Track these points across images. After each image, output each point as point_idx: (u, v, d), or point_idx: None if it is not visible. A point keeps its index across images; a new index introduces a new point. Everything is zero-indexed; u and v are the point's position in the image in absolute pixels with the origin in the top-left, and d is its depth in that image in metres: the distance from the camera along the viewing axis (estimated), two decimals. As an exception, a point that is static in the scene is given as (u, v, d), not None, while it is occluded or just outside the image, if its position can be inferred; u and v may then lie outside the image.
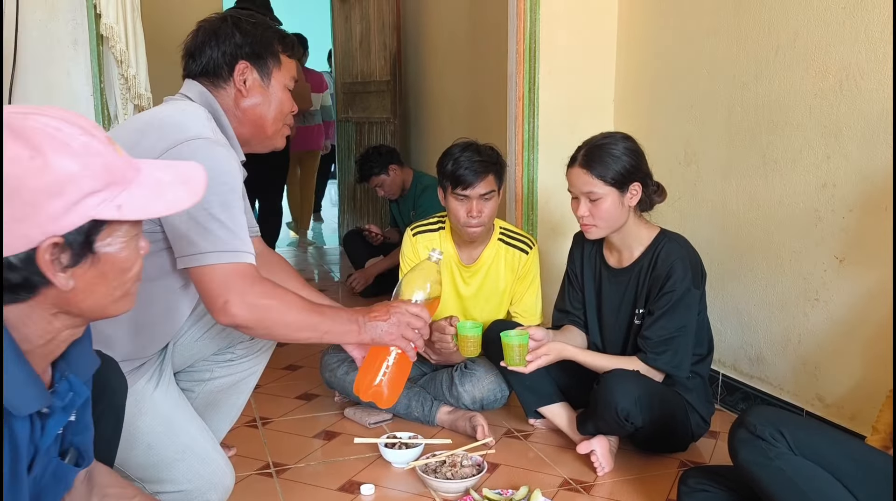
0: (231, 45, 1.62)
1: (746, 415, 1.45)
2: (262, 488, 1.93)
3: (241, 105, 1.65)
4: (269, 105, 1.67)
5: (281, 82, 1.68)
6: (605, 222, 2.01)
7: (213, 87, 1.65)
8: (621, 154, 1.97)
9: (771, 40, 2.24)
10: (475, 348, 2.14)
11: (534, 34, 2.86)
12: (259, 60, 1.65)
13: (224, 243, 1.44)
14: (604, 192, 1.97)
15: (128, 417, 1.60)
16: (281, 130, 1.73)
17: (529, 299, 2.43)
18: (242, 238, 1.48)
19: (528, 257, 2.40)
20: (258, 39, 1.64)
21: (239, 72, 1.63)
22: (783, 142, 2.21)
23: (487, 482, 1.93)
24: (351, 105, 5.46)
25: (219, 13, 1.69)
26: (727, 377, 2.48)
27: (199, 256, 1.44)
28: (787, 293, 2.24)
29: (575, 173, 2.01)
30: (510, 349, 1.97)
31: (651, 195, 2.05)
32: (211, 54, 1.63)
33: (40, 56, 2.31)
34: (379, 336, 1.57)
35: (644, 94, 2.88)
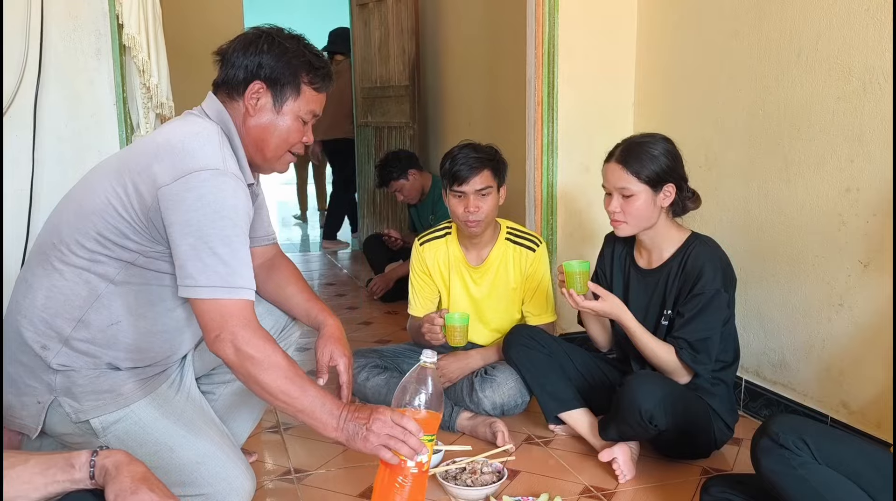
0: (254, 62, 1.62)
1: (769, 423, 1.44)
2: (283, 493, 1.94)
3: (246, 123, 1.65)
4: (274, 130, 1.65)
5: (294, 112, 1.65)
6: (635, 220, 2.01)
7: (229, 99, 1.66)
8: (659, 154, 1.98)
9: (793, 43, 2.21)
10: (462, 338, 2.22)
11: (553, 38, 2.86)
12: (275, 86, 1.63)
13: (222, 279, 1.46)
14: (637, 189, 1.97)
15: (150, 422, 1.63)
16: (282, 157, 1.71)
17: (540, 296, 2.44)
18: (242, 274, 1.49)
19: (536, 254, 2.42)
20: (284, 65, 1.62)
21: (252, 91, 1.62)
22: (806, 145, 2.19)
23: (507, 489, 1.93)
24: (370, 110, 5.48)
25: (261, 27, 1.67)
26: (750, 382, 2.46)
27: (196, 288, 1.47)
28: (810, 298, 2.21)
29: (610, 168, 2.02)
30: (572, 277, 2.00)
31: (685, 200, 2.06)
32: (234, 66, 1.63)
33: (64, 66, 2.34)
34: (355, 441, 1.48)
35: (664, 97, 2.86)
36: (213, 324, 1.48)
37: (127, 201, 1.52)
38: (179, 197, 1.48)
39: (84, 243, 1.55)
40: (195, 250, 1.46)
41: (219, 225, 1.47)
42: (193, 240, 1.46)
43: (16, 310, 1.60)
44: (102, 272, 1.56)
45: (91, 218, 1.55)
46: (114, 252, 1.55)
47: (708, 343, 1.97)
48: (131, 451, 1.60)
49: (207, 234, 1.47)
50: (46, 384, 1.57)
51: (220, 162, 1.53)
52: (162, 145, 1.54)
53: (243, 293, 1.49)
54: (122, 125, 2.39)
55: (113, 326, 1.59)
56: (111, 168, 1.59)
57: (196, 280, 1.47)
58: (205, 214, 1.47)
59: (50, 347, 1.57)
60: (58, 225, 1.60)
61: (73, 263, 1.56)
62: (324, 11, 8.45)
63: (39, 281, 1.58)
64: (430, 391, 1.54)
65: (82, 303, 1.56)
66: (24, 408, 1.60)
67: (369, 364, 2.40)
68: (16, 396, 1.60)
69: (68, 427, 1.60)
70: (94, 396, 1.59)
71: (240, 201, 1.53)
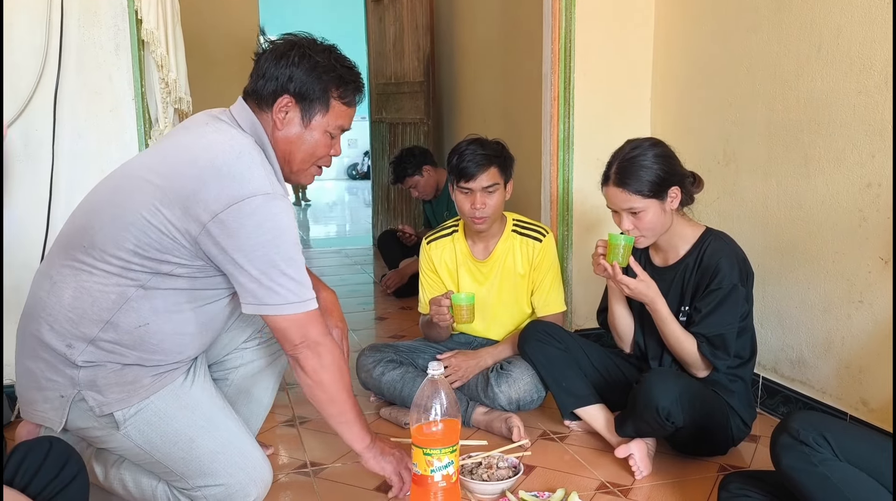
0: (285, 75, 1.62)
1: (789, 420, 1.43)
2: (299, 486, 1.95)
3: (274, 135, 1.66)
4: (301, 145, 1.66)
5: (322, 127, 1.66)
6: (652, 232, 2.00)
7: (258, 109, 1.66)
8: (653, 164, 1.95)
9: (813, 37, 2.19)
10: (469, 316, 2.25)
11: (569, 33, 2.85)
12: (304, 101, 1.63)
13: (296, 296, 1.57)
14: (644, 205, 1.95)
15: (169, 412, 1.64)
16: (308, 170, 1.72)
17: (547, 286, 2.44)
18: (308, 286, 1.59)
19: (542, 244, 2.42)
20: (314, 80, 1.62)
21: (280, 105, 1.63)
22: (826, 141, 2.17)
23: (523, 484, 1.92)
24: (384, 106, 5.48)
25: (295, 36, 1.67)
26: (767, 379, 2.44)
27: (273, 306, 1.56)
28: (829, 295, 2.19)
29: (611, 192, 1.99)
30: (615, 248, 1.98)
31: (689, 191, 2.04)
32: (265, 77, 1.63)
33: (83, 61, 2.36)
34: (383, 458, 1.73)
35: (681, 92, 2.84)
36: (296, 335, 1.60)
37: (172, 225, 1.52)
38: (237, 224, 1.50)
39: (119, 254, 1.55)
40: (266, 275, 1.53)
41: (283, 248, 1.55)
42: (262, 265, 1.53)
43: (39, 307, 1.59)
44: (133, 278, 1.56)
45: (130, 229, 1.54)
46: (148, 267, 1.56)
47: (726, 338, 1.96)
48: (151, 442, 1.63)
49: (274, 259, 1.54)
50: (70, 378, 1.58)
51: (269, 185, 1.55)
52: (206, 169, 1.52)
53: (312, 304, 1.60)
54: (141, 120, 2.40)
55: (140, 327, 1.59)
56: (149, 182, 1.56)
57: (273, 300, 1.55)
58: (268, 240, 1.53)
59: (75, 346, 1.57)
60: (89, 227, 1.59)
61: (104, 268, 1.56)
62: (339, 7, 8.46)
63: (66, 280, 1.57)
64: (444, 403, 1.57)
65: (111, 306, 1.56)
66: (46, 402, 1.61)
67: (385, 359, 2.41)
68: (37, 390, 1.61)
69: (90, 421, 1.61)
70: (118, 388, 1.60)
71: (292, 221, 1.59)
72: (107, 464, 1.71)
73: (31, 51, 2.29)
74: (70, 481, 1.27)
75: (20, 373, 1.65)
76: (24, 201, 2.33)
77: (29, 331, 1.62)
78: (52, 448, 1.28)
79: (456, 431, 1.58)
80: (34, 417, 1.64)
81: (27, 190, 2.33)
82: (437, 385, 1.55)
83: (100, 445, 1.68)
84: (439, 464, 1.55)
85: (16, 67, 2.28)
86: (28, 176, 2.33)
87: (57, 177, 2.36)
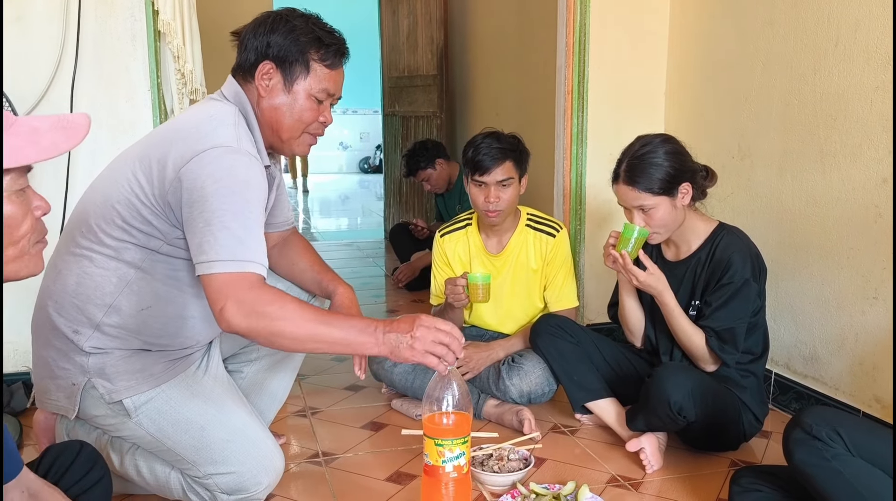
0: (263, 42, 1.62)
1: (802, 415, 1.43)
2: (311, 476, 1.96)
3: (260, 105, 1.66)
4: (287, 111, 1.65)
5: (306, 91, 1.64)
6: (664, 228, 1.99)
7: (244, 82, 1.66)
8: (663, 161, 1.94)
9: (830, 32, 2.18)
10: (485, 295, 2.26)
11: (584, 26, 2.84)
12: (283, 64, 1.62)
13: (230, 252, 1.43)
14: (654, 202, 1.94)
15: (181, 401, 1.66)
16: (300, 139, 1.70)
17: (561, 282, 2.43)
18: (252, 247, 1.45)
19: (556, 239, 2.42)
20: (291, 42, 1.62)
21: (261, 72, 1.62)
22: (842, 136, 2.16)
23: (534, 476, 1.93)
24: (397, 99, 5.48)
25: (279, 9, 1.68)
26: (780, 376, 2.43)
27: (206, 264, 1.44)
28: (843, 291, 2.18)
29: (622, 190, 1.99)
30: (627, 239, 1.97)
31: (702, 185, 2.03)
32: (246, 48, 1.64)
33: (100, 51, 2.37)
34: (399, 350, 1.45)
35: (696, 86, 2.83)
36: (217, 296, 1.42)
37: (148, 186, 1.54)
38: (193, 175, 1.48)
39: (110, 232, 1.57)
40: (209, 227, 1.44)
41: (230, 200, 1.46)
42: (208, 216, 1.45)
43: (46, 295, 1.63)
44: (130, 260, 1.58)
45: (115, 207, 1.57)
46: (139, 240, 1.57)
47: (735, 333, 1.96)
48: (163, 430, 1.65)
49: (220, 209, 1.45)
50: (80, 366, 1.60)
51: (234, 140, 1.54)
52: (178, 131, 1.56)
53: (251, 267, 1.44)
54: (157, 110, 2.42)
55: (143, 311, 1.61)
56: (133, 155, 1.61)
57: (208, 256, 1.43)
58: (217, 189, 1.46)
59: (82, 331, 1.59)
60: (84, 213, 1.62)
61: (101, 251, 1.58)
62: (352, 0, 8.47)
63: (69, 267, 1.60)
64: (457, 394, 1.55)
65: (113, 289, 1.59)
66: (60, 390, 1.63)
67: (397, 350, 2.41)
68: (51, 379, 1.64)
69: (101, 409, 1.64)
70: (126, 376, 1.62)
71: (253, 177, 1.52)
72: (122, 451, 1.73)
73: (48, 41, 2.31)
74: (95, 483, 1.33)
75: (35, 363, 1.68)
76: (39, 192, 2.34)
77: (40, 320, 1.64)
78: (81, 450, 1.33)
79: (468, 422, 1.58)
80: (49, 406, 1.67)
81: (43, 181, 2.35)
82: (450, 376, 1.55)
83: (113, 433, 1.70)
84: (451, 455, 1.55)
85: (34, 56, 2.30)
86: (44, 167, 2.35)
87: (73, 168, 2.38)
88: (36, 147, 0.91)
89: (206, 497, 1.70)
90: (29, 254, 0.96)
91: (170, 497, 1.74)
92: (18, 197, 0.93)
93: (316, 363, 2.83)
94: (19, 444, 2.10)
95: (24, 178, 0.94)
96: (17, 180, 0.93)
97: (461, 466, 1.56)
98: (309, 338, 1.44)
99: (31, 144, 0.91)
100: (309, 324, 1.43)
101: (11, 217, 0.92)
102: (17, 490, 1.11)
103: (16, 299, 2.32)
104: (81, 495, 1.28)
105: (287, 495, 1.83)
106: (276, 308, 1.42)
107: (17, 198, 0.93)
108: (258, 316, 1.41)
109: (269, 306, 1.42)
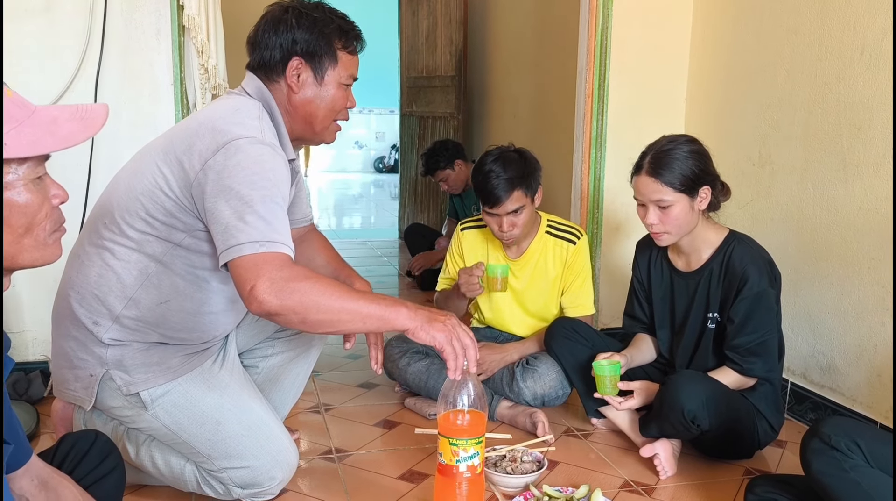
0: (288, 40, 1.63)
1: (820, 425, 1.42)
2: (324, 472, 1.96)
3: (292, 100, 1.67)
4: (321, 102, 1.67)
5: (336, 80, 1.67)
6: (677, 229, 1.97)
7: (268, 80, 1.67)
8: (688, 159, 1.93)
9: (856, 40, 2.16)
10: (503, 285, 2.30)
11: (606, 30, 2.83)
12: (314, 59, 1.64)
13: (261, 234, 1.43)
14: (674, 199, 1.93)
15: (197, 394, 1.67)
16: (330, 127, 1.73)
17: (578, 289, 2.42)
18: (280, 231, 1.46)
19: (577, 246, 2.40)
20: (317, 36, 1.63)
21: (292, 69, 1.64)
22: (865, 146, 2.14)
23: (547, 479, 1.92)
24: (415, 100, 5.49)
25: (283, 2, 1.69)
26: (796, 385, 2.42)
27: (235, 248, 1.43)
28: (863, 302, 2.16)
29: (643, 182, 1.97)
30: (602, 380, 2.02)
31: (718, 196, 2.02)
32: (268, 47, 1.64)
33: (125, 45, 2.39)
34: (432, 324, 1.48)
35: (717, 93, 2.82)
36: (248, 275, 1.40)
37: (172, 178, 1.55)
38: (220, 166, 1.49)
39: (133, 224, 1.58)
40: (237, 213, 1.44)
41: (259, 186, 1.47)
42: (235, 203, 1.45)
43: (68, 285, 1.64)
44: (151, 253, 1.59)
45: (140, 199, 1.58)
46: (161, 232, 1.58)
47: (767, 345, 1.95)
48: (179, 423, 1.66)
49: (248, 196, 1.45)
50: (98, 357, 1.62)
51: (258, 132, 1.55)
52: (203, 123, 1.57)
53: (280, 247, 1.44)
54: (179, 105, 2.44)
55: (162, 305, 1.62)
56: (158, 149, 1.62)
57: (238, 240, 1.43)
58: (245, 176, 1.47)
59: (101, 323, 1.61)
60: (108, 204, 1.64)
61: (123, 243, 1.60)
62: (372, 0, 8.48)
63: (91, 258, 1.62)
64: (472, 394, 1.56)
65: (133, 282, 1.60)
66: (78, 381, 1.64)
67: (411, 350, 2.42)
68: (69, 369, 1.65)
69: (118, 400, 1.65)
70: (144, 368, 1.63)
71: (278, 167, 1.54)
72: (138, 443, 1.74)
73: (74, 34, 2.33)
74: (109, 472, 1.34)
75: (55, 353, 1.69)
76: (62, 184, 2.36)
77: (61, 310, 1.66)
78: (96, 440, 1.35)
79: (482, 423, 1.58)
80: (66, 396, 1.68)
81: (65, 173, 2.37)
82: (466, 376, 1.56)
83: (130, 424, 1.71)
84: (465, 455, 1.55)
85: (60, 50, 2.33)
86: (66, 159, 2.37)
87: (95, 161, 2.40)
88: (53, 137, 0.93)
89: (220, 491, 1.71)
90: (45, 242, 0.97)
91: (184, 490, 1.75)
92: (35, 185, 0.94)
93: (330, 360, 2.83)
94: (36, 433, 2.12)
95: (42, 166, 0.95)
96: (35, 169, 0.94)
97: (475, 466, 1.56)
98: (342, 309, 1.44)
99: (49, 134, 0.92)
100: (342, 297, 1.45)
101: (28, 205, 0.93)
102: (26, 478, 1.12)
103: (38, 289, 2.34)
104: (95, 484, 1.29)
105: (299, 490, 1.84)
106: (308, 284, 1.42)
107: (34, 186, 0.94)
108: (291, 292, 1.40)
109: (302, 281, 1.42)
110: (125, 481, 1.41)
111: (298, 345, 1.98)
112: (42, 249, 0.97)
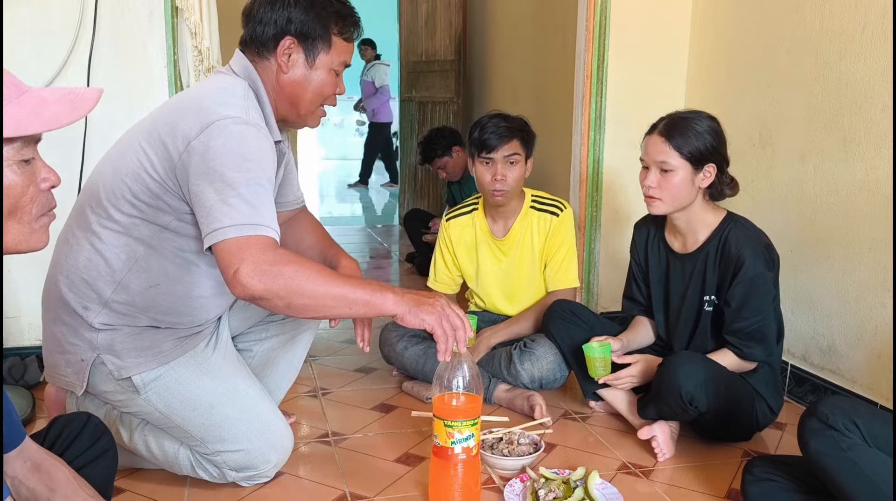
0: (283, 17, 1.60)
1: (818, 405, 1.40)
2: (320, 455, 1.96)
3: (280, 80, 1.64)
4: (308, 86, 1.64)
5: (327, 65, 1.64)
6: (672, 198, 1.95)
7: (258, 57, 1.64)
8: (704, 131, 1.92)
9: (858, 17, 2.13)
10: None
11: (604, 11, 2.80)
12: (307, 41, 1.61)
13: (244, 217, 1.41)
14: (677, 164, 1.92)
15: (189, 378, 1.66)
16: (316, 112, 1.70)
17: (560, 261, 2.42)
18: (264, 214, 1.44)
19: (559, 218, 2.41)
20: (313, 18, 1.60)
21: (283, 48, 1.61)
22: (867, 125, 2.11)
23: (544, 461, 1.91)
24: (414, 84, 5.46)
25: None
26: (796, 367, 2.40)
27: (219, 231, 1.41)
28: (864, 283, 2.14)
29: (653, 141, 1.96)
30: (592, 362, 2.03)
31: (723, 185, 1.99)
32: (262, 22, 1.61)
33: (117, 27, 2.36)
34: (420, 309, 1.46)
35: (718, 73, 2.79)
36: (231, 259, 1.39)
37: (157, 161, 1.53)
38: (203, 147, 1.46)
39: (120, 207, 1.56)
40: (221, 196, 1.42)
41: (244, 168, 1.45)
42: (219, 185, 1.43)
43: (57, 270, 1.63)
44: (139, 236, 1.58)
45: (125, 181, 1.56)
46: (148, 215, 1.56)
47: (764, 330, 1.94)
48: (172, 407, 1.65)
49: (232, 178, 1.43)
50: (89, 342, 1.60)
51: (243, 112, 1.53)
52: (188, 103, 1.55)
53: (264, 231, 1.43)
54: (173, 87, 2.41)
55: (151, 288, 1.60)
56: (143, 129, 1.60)
57: (221, 222, 1.41)
58: (229, 158, 1.45)
59: (91, 307, 1.59)
60: (95, 187, 1.61)
61: (110, 226, 1.58)
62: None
63: (80, 242, 1.60)
64: (467, 375, 1.54)
65: (121, 266, 1.58)
66: (69, 366, 1.63)
67: (408, 334, 2.40)
68: (60, 354, 1.64)
69: (110, 385, 1.64)
70: (135, 352, 1.62)
71: (262, 147, 1.51)
72: (131, 427, 1.73)
73: (65, 16, 2.30)
74: (101, 454, 1.33)
75: (46, 338, 1.68)
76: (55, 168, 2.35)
77: (51, 294, 1.64)
78: (88, 421, 1.34)
79: (478, 404, 1.57)
80: (57, 381, 1.67)
81: (59, 157, 2.35)
82: (461, 358, 1.54)
83: (122, 409, 1.71)
84: (460, 436, 1.54)
85: (51, 33, 2.30)
86: (60, 142, 2.35)
87: (89, 144, 2.38)
88: (38, 119, 0.91)
89: (214, 474, 1.70)
90: (30, 227, 0.95)
91: (178, 473, 1.74)
92: (21, 167, 0.92)
93: (327, 344, 2.83)
94: (32, 417, 2.11)
95: (31, 148, 0.93)
96: (21, 151, 0.92)
97: (470, 448, 1.55)
98: (327, 295, 1.43)
99: (35, 115, 0.91)
100: (327, 282, 1.43)
101: (11, 187, 0.91)
102: (19, 460, 1.11)
103: (34, 274, 2.32)
104: (87, 465, 1.29)
105: (296, 473, 1.83)
106: (293, 268, 1.41)
107: (20, 169, 0.92)
108: (274, 276, 1.39)
109: (287, 265, 1.41)
110: (117, 463, 1.40)
111: (292, 328, 1.97)
112: (27, 234, 0.95)
